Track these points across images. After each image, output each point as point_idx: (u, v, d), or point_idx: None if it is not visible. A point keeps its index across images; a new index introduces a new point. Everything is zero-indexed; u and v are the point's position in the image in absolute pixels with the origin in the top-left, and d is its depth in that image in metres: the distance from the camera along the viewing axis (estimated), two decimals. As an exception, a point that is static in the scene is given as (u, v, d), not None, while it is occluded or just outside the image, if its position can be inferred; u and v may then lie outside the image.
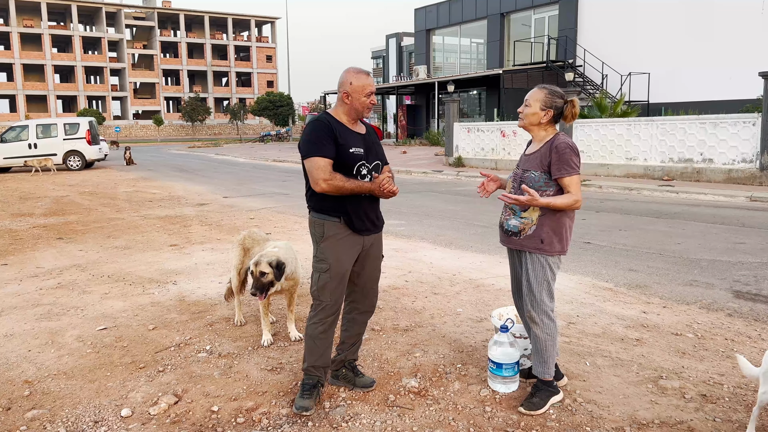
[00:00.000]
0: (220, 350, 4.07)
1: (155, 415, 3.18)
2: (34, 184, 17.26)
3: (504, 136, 18.87)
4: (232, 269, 4.64)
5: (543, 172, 3.08)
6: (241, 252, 4.60)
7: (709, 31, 20.96)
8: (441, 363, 3.81)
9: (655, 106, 22.49)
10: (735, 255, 6.77)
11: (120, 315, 4.88)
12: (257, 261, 3.91)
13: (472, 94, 32.07)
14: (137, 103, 75.74)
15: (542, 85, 3.22)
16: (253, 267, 3.91)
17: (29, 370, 3.80)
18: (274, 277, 3.90)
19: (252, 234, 4.67)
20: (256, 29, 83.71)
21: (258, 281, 3.88)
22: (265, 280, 3.88)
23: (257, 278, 3.88)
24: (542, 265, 3.14)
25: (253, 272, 3.89)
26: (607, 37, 24.28)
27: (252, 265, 3.92)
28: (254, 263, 3.91)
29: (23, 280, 6.09)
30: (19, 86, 67.35)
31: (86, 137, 22.27)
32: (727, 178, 13.56)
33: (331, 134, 3.06)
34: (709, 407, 3.19)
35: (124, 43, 73.76)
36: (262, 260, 3.90)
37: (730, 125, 13.55)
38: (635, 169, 15.35)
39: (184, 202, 12.41)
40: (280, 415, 3.16)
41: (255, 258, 3.96)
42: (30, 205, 12.22)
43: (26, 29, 67.73)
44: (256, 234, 4.67)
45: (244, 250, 4.59)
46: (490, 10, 30.15)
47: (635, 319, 4.67)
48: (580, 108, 3.23)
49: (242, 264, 4.58)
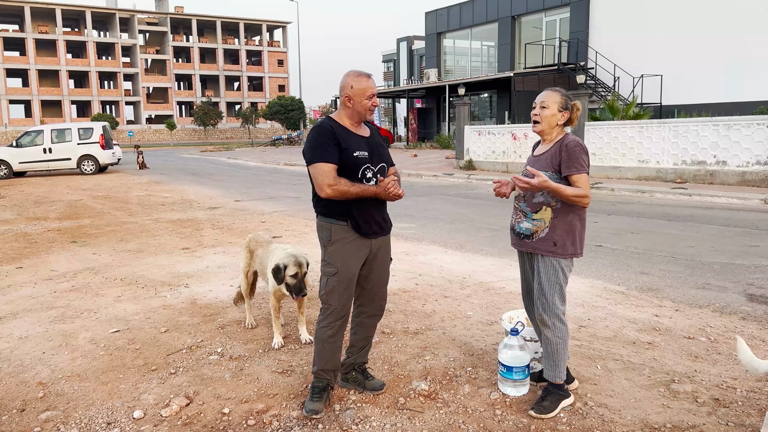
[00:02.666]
0: (231, 353, 4.10)
1: (167, 416, 3.21)
2: (49, 188, 17.44)
3: (515, 139, 18.81)
4: (241, 272, 4.71)
5: (554, 172, 3.06)
6: (248, 255, 4.64)
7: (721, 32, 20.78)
8: (451, 366, 3.80)
9: (667, 109, 22.33)
10: (749, 258, 6.70)
11: (132, 318, 4.92)
12: (301, 262, 3.95)
13: (482, 97, 32.01)
14: (150, 108, 76.34)
15: (553, 88, 3.21)
16: (297, 268, 3.93)
17: (43, 372, 3.84)
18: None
19: (257, 237, 4.70)
20: (268, 34, 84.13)
21: (303, 282, 3.95)
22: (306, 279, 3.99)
23: (302, 279, 3.94)
24: (555, 267, 3.13)
25: (298, 274, 3.93)
26: (618, 40, 24.14)
27: (295, 266, 3.93)
28: (297, 263, 3.94)
29: (37, 283, 6.16)
30: (34, 91, 68.15)
31: (100, 142, 22.48)
32: (740, 180, 13.44)
33: (334, 139, 3.07)
34: (721, 411, 3.16)
35: (137, 49, 74.41)
36: (304, 260, 3.98)
37: (743, 127, 13.42)
38: (647, 171, 15.25)
39: (196, 206, 12.49)
40: (291, 417, 3.18)
41: (294, 259, 3.96)
42: (44, 209, 12.35)
43: (41, 35, 68.55)
44: (261, 237, 4.70)
45: (249, 252, 4.64)
46: (501, 13, 30.09)
47: (647, 322, 4.64)
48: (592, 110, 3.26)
49: (249, 267, 4.62)
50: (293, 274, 3.94)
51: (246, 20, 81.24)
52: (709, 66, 21.05)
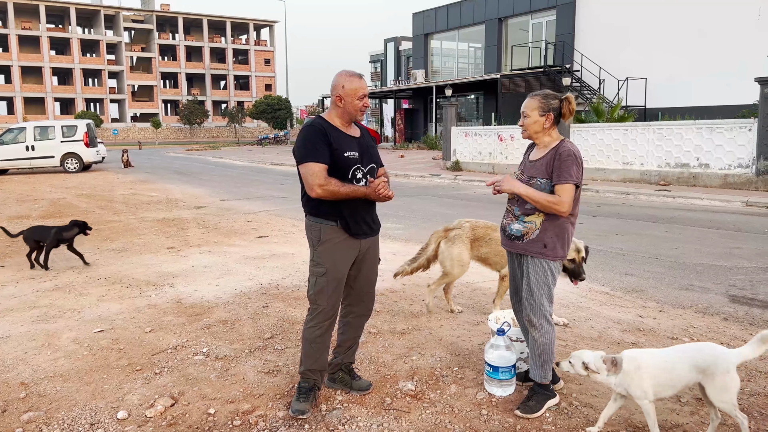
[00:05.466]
0: (217, 353, 4.07)
1: (151, 417, 3.18)
2: (31, 186, 17.23)
3: (502, 141, 18.91)
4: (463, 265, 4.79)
5: (548, 179, 3.07)
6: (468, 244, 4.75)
7: (705, 36, 21.04)
8: (438, 366, 3.81)
9: (651, 111, 22.56)
10: (731, 260, 6.79)
11: (116, 317, 4.88)
12: (579, 246, 3.97)
13: (469, 98, 32.12)
14: (135, 106, 75.69)
15: (532, 93, 3.21)
16: (575, 254, 3.94)
17: (25, 372, 3.79)
18: None
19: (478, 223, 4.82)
20: (255, 33, 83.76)
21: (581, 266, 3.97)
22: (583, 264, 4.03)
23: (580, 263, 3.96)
24: (544, 269, 3.15)
25: (575, 259, 3.94)
26: (604, 43, 24.36)
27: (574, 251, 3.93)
28: (576, 249, 3.94)
29: (20, 283, 6.08)
30: (17, 88, 67.29)
31: (84, 140, 22.24)
32: (723, 183, 13.61)
33: (325, 139, 3.06)
34: (704, 411, 3.20)
35: (122, 46, 73.75)
36: (582, 245, 4.00)
37: (726, 130, 13.60)
38: (632, 173, 15.39)
39: (182, 205, 12.41)
40: (277, 417, 3.16)
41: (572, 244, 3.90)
42: (27, 207, 12.20)
43: (24, 31, 67.70)
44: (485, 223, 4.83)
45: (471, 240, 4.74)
46: (488, 15, 30.22)
47: (631, 323, 4.68)
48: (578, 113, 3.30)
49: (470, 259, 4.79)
50: (571, 258, 3.93)
51: (233, 19, 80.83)
52: (693, 70, 21.31)
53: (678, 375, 2.78)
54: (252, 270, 6.50)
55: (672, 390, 2.84)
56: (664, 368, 2.80)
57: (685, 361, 2.78)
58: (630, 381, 2.81)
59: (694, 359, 2.77)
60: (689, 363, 2.77)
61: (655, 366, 2.81)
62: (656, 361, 2.83)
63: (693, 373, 2.76)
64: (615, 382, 2.85)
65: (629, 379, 2.81)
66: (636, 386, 2.80)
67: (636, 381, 2.80)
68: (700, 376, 2.75)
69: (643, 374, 2.79)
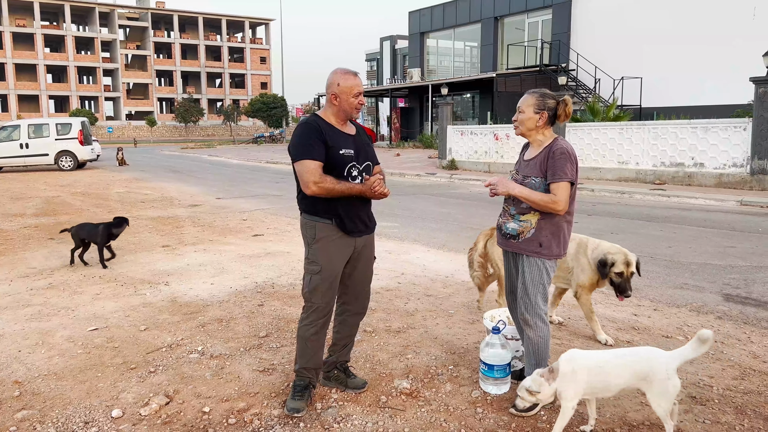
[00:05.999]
0: (212, 351, 4.07)
1: (146, 416, 3.17)
2: (26, 184, 17.16)
3: (497, 140, 18.92)
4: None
5: (542, 178, 3.07)
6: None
7: (701, 36, 21.10)
8: (433, 364, 3.81)
9: (647, 111, 22.63)
10: (725, 259, 6.81)
11: (111, 316, 4.86)
12: (630, 260, 3.83)
13: (465, 97, 32.13)
14: (130, 104, 75.44)
15: (531, 90, 3.21)
16: (624, 267, 3.82)
17: (19, 370, 3.77)
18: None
19: None
20: (250, 31, 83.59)
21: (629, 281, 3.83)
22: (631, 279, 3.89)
23: (628, 278, 3.82)
24: (539, 268, 3.15)
25: (624, 273, 3.82)
26: (600, 42, 24.40)
27: (623, 264, 3.82)
28: (626, 262, 3.81)
29: (14, 281, 6.05)
30: (11, 86, 66.96)
31: (78, 137, 22.15)
32: (718, 182, 13.66)
33: (320, 136, 3.06)
34: (698, 409, 3.21)
35: (117, 44, 73.48)
36: (633, 258, 3.86)
37: (721, 130, 13.65)
38: (627, 173, 15.43)
39: (177, 203, 12.38)
40: (272, 416, 3.16)
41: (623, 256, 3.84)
42: (21, 205, 12.15)
43: (18, 29, 67.37)
44: None
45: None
46: (484, 14, 30.24)
47: (626, 321, 4.70)
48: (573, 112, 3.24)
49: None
50: (619, 272, 3.82)
51: (228, 17, 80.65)
52: (688, 69, 21.38)
53: (614, 379, 2.79)
54: (247, 268, 6.49)
55: (607, 392, 2.86)
56: (599, 372, 2.82)
57: (623, 367, 2.79)
58: (566, 385, 2.82)
59: (632, 366, 2.78)
60: (627, 369, 2.78)
61: (590, 369, 2.83)
62: (592, 364, 2.84)
63: (632, 380, 2.77)
64: (556, 387, 2.84)
65: (565, 384, 2.82)
66: (571, 389, 2.82)
67: (571, 384, 2.81)
68: (639, 382, 2.76)
69: (578, 377, 2.81)
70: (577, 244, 4.16)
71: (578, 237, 4.20)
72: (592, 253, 4.05)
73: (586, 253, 4.09)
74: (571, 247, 4.07)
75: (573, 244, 4.12)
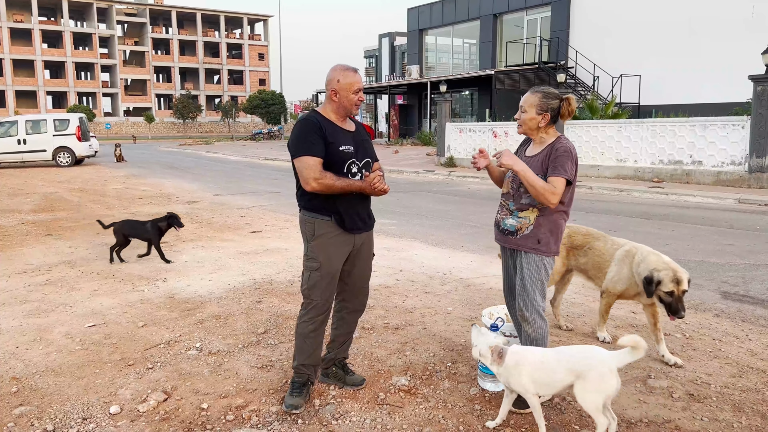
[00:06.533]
0: (210, 348, 4.06)
1: (144, 412, 3.17)
2: (23, 180, 17.12)
3: (496, 137, 18.92)
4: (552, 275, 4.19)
5: (543, 175, 3.07)
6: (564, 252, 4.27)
7: (699, 34, 21.11)
8: (431, 362, 3.82)
9: (645, 109, 22.62)
10: (723, 257, 6.82)
11: (109, 312, 4.86)
12: (680, 278, 3.48)
13: (464, 94, 32.12)
14: (128, 100, 75.25)
15: (535, 88, 3.19)
16: (673, 286, 3.48)
17: (17, 366, 3.77)
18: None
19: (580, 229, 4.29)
20: (249, 27, 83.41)
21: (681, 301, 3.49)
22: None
23: (680, 297, 3.49)
24: (537, 264, 3.15)
25: (674, 292, 3.48)
26: (598, 39, 24.39)
27: (672, 283, 3.48)
28: (675, 280, 3.48)
29: (11, 277, 6.04)
30: (8, 82, 66.74)
31: (76, 133, 22.09)
32: (716, 180, 13.67)
33: (320, 133, 3.05)
34: (696, 406, 3.22)
35: (115, 40, 73.26)
36: (685, 276, 3.51)
37: (719, 128, 13.66)
38: (625, 170, 15.44)
39: (175, 200, 12.36)
40: (270, 412, 3.16)
41: (673, 273, 3.50)
42: (19, 201, 12.12)
43: (16, 24, 67.12)
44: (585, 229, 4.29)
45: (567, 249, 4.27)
46: (483, 11, 30.20)
47: (624, 319, 4.70)
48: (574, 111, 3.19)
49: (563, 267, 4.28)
50: (669, 291, 3.49)
51: (227, 13, 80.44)
52: (686, 67, 21.37)
53: (555, 376, 2.81)
54: (245, 265, 6.49)
55: (550, 389, 2.87)
56: (540, 368, 2.84)
57: (562, 363, 2.81)
58: (509, 375, 2.88)
59: (569, 362, 2.79)
60: (565, 365, 2.79)
61: (533, 364, 2.85)
62: (535, 360, 2.86)
63: (569, 376, 2.77)
64: (498, 372, 2.93)
65: (508, 374, 2.88)
66: (515, 381, 2.87)
67: (515, 376, 2.86)
68: (576, 379, 2.76)
69: (522, 371, 2.84)
70: (625, 252, 3.92)
71: (629, 245, 3.96)
72: (637, 266, 3.76)
73: (631, 264, 3.82)
74: (618, 252, 3.94)
75: (622, 250, 3.94)
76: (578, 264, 4.27)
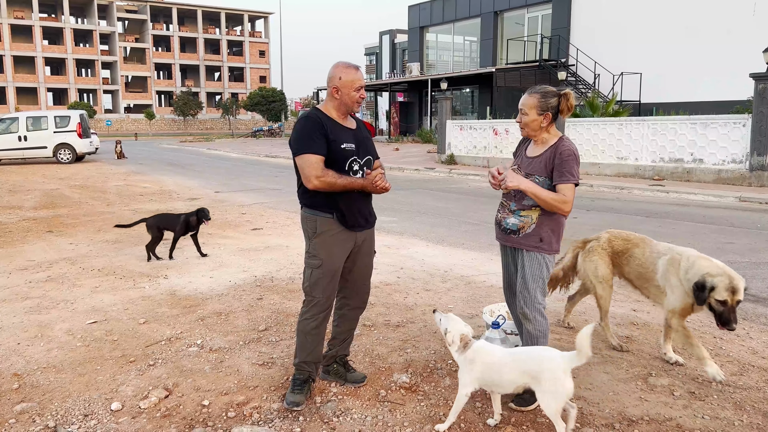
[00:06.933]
0: (211, 345, 4.06)
1: (146, 408, 3.17)
2: (24, 176, 17.12)
3: (496, 135, 18.91)
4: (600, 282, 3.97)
5: (547, 177, 3.07)
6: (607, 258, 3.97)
7: (700, 32, 21.07)
8: (432, 359, 3.82)
9: (646, 106, 22.60)
10: (724, 255, 6.81)
11: (110, 309, 4.86)
12: (737, 286, 3.25)
13: (464, 92, 32.08)
14: (128, 97, 75.23)
15: (532, 89, 3.17)
16: (727, 295, 3.23)
17: (18, 363, 3.77)
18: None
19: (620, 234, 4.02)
20: (249, 24, 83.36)
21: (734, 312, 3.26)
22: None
23: (733, 308, 3.27)
24: (539, 263, 3.15)
25: (728, 301, 3.24)
26: (599, 37, 24.35)
27: (726, 291, 3.24)
28: (731, 288, 3.23)
29: (12, 273, 6.04)
30: (9, 78, 66.72)
31: (77, 130, 22.09)
32: (716, 178, 13.66)
33: (321, 130, 3.05)
34: (697, 404, 3.22)
35: (115, 36, 73.21)
36: (741, 284, 3.27)
37: (720, 126, 13.64)
38: (626, 168, 15.43)
39: (175, 197, 12.36)
40: (271, 409, 3.16)
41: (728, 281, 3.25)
42: (19, 198, 12.12)
43: (17, 21, 67.07)
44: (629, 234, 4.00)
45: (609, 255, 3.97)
46: (484, 8, 30.15)
47: (625, 316, 4.70)
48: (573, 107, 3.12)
49: (612, 273, 3.97)
50: (722, 300, 3.25)
51: (227, 10, 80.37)
52: (687, 65, 21.34)
53: (505, 375, 2.82)
54: (246, 262, 6.49)
55: (502, 389, 2.89)
56: (492, 368, 2.85)
57: (516, 364, 2.82)
58: (461, 365, 2.92)
59: (523, 364, 2.80)
60: (519, 367, 2.80)
61: (485, 365, 2.86)
62: (489, 360, 2.87)
63: (523, 377, 2.78)
64: (456, 358, 2.97)
65: (461, 364, 2.92)
66: (463, 375, 2.91)
67: (464, 369, 2.90)
68: (530, 380, 2.77)
69: (473, 368, 2.87)
70: (668, 260, 3.59)
71: (670, 252, 3.62)
72: (685, 273, 3.45)
73: (678, 272, 3.50)
74: (661, 263, 3.62)
75: (663, 259, 3.61)
76: (623, 273, 3.96)
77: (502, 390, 2.90)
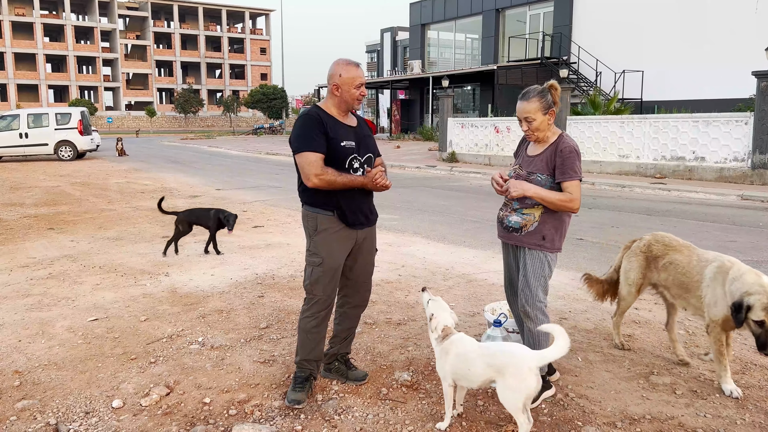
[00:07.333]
0: (213, 342, 4.06)
1: (147, 406, 3.17)
2: (25, 174, 17.12)
3: (498, 132, 18.88)
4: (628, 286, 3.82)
5: (549, 175, 3.06)
6: (643, 262, 3.74)
7: (702, 30, 21.02)
8: (433, 357, 3.80)
9: (648, 104, 22.55)
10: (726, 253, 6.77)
11: (111, 306, 4.86)
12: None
13: (466, 89, 32.03)
14: (130, 94, 75.25)
15: (524, 96, 3.11)
16: (765, 315, 2.93)
17: (19, 360, 3.77)
18: None
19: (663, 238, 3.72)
20: (251, 21, 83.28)
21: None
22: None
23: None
24: (541, 261, 3.14)
25: (765, 322, 2.96)
26: (601, 35, 24.29)
27: (763, 310, 2.94)
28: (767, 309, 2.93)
29: (13, 270, 6.04)
30: (10, 75, 66.74)
31: (78, 127, 22.09)
32: (718, 176, 13.64)
33: (321, 128, 3.04)
34: (699, 403, 3.21)
35: (116, 33, 73.17)
36: None
37: (722, 124, 13.61)
38: (628, 166, 15.41)
39: (176, 194, 12.35)
40: (273, 407, 3.16)
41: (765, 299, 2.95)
42: (21, 195, 12.13)
43: (18, 18, 67.06)
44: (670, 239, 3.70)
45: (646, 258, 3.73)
46: (486, 6, 30.09)
47: (627, 315, 4.67)
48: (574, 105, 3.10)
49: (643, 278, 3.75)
50: (759, 321, 2.96)
51: (228, 7, 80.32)
52: (689, 63, 21.29)
53: (475, 371, 2.81)
54: (247, 260, 6.49)
55: (469, 383, 2.88)
56: (463, 361, 2.85)
57: (483, 358, 2.81)
58: (438, 356, 2.95)
59: (490, 359, 2.79)
60: (486, 362, 2.79)
61: (455, 356, 2.87)
62: (460, 352, 2.88)
63: (489, 372, 2.77)
64: (434, 347, 3.00)
65: (438, 354, 2.95)
66: (440, 366, 2.94)
67: (440, 361, 2.94)
68: (495, 374, 2.76)
69: (447, 359, 2.89)
70: (717, 267, 3.32)
71: (719, 260, 3.37)
72: (731, 285, 3.17)
73: (725, 282, 3.22)
74: (708, 271, 3.35)
75: (712, 267, 3.34)
76: (659, 280, 3.66)
77: (470, 384, 2.88)
